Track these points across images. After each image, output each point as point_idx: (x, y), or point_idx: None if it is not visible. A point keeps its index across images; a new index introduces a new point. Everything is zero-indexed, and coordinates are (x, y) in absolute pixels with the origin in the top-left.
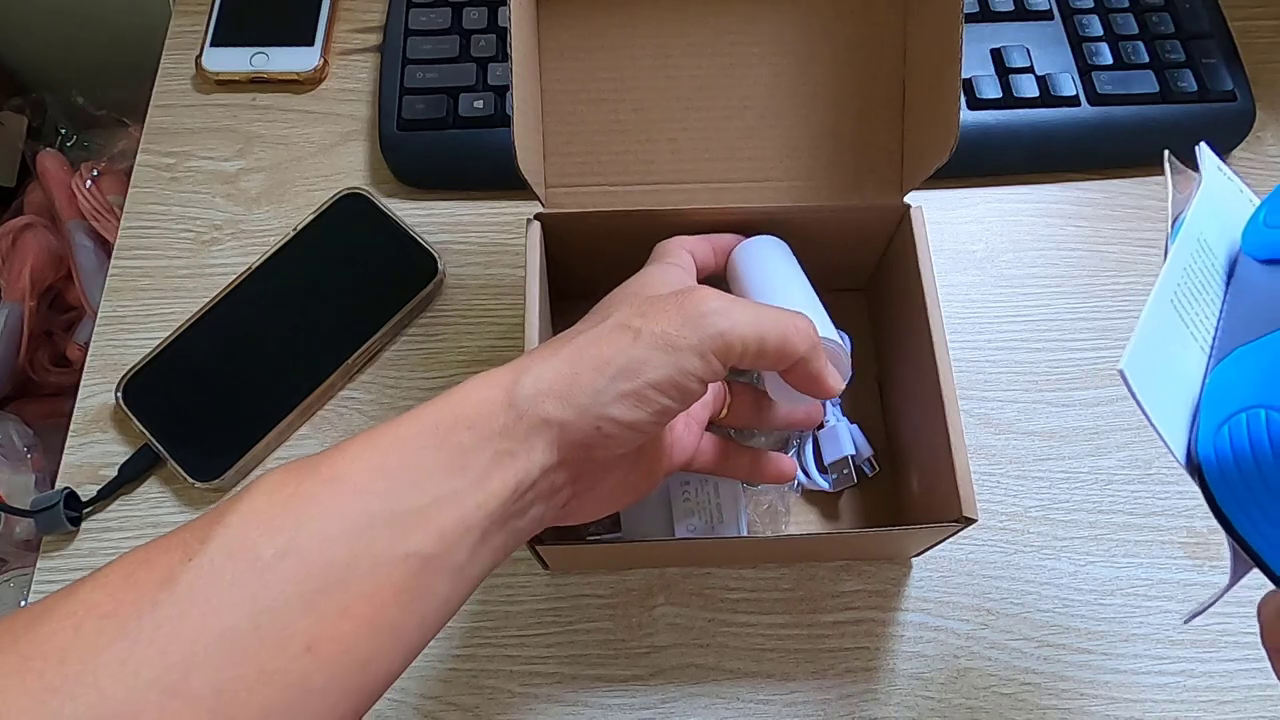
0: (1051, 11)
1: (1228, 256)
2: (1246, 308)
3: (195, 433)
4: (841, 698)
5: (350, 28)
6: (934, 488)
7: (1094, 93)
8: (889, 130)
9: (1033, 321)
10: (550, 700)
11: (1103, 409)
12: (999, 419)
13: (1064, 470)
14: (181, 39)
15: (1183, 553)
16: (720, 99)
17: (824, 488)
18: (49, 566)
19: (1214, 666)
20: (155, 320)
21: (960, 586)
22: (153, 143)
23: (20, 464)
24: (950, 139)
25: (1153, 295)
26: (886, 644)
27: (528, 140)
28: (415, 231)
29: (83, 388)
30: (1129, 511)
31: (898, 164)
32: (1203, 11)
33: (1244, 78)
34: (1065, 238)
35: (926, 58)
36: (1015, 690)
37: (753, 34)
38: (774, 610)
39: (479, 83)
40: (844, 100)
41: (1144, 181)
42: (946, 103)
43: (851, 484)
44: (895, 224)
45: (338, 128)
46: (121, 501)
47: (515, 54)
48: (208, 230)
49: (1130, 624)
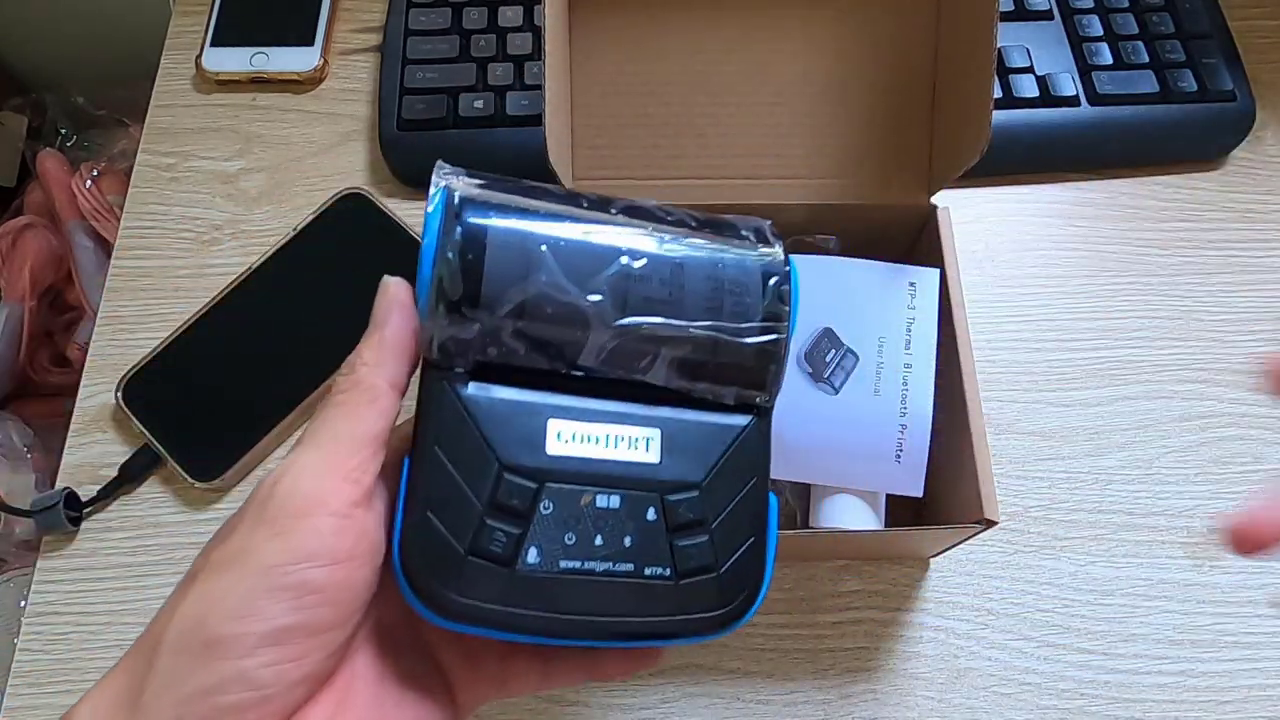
0: (1051, 11)
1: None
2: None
3: (195, 433)
4: (841, 698)
5: (350, 28)
6: (954, 489)
7: (1094, 93)
8: (918, 129)
9: (1033, 321)
10: (550, 700)
11: (1103, 409)
12: (999, 419)
13: (1064, 470)
14: (181, 39)
15: (1183, 553)
16: (750, 95)
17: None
18: (49, 566)
19: (1214, 666)
20: (155, 320)
21: (960, 586)
22: (153, 143)
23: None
24: (982, 139)
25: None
26: (886, 644)
27: (557, 132)
28: (415, 232)
29: (83, 388)
30: (1129, 511)
31: (926, 163)
32: (1203, 11)
33: (1244, 78)
34: (1065, 238)
35: (959, 57)
36: (1015, 690)
37: (784, 31)
38: (774, 610)
39: (479, 83)
40: (874, 99)
41: (1144, 181)
42: (979, 102)
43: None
44: (921, 224)
45: (338, 128)
46: (121, 501)
47: (548, 46)
48: (208, 230)
49: (1130, 624)
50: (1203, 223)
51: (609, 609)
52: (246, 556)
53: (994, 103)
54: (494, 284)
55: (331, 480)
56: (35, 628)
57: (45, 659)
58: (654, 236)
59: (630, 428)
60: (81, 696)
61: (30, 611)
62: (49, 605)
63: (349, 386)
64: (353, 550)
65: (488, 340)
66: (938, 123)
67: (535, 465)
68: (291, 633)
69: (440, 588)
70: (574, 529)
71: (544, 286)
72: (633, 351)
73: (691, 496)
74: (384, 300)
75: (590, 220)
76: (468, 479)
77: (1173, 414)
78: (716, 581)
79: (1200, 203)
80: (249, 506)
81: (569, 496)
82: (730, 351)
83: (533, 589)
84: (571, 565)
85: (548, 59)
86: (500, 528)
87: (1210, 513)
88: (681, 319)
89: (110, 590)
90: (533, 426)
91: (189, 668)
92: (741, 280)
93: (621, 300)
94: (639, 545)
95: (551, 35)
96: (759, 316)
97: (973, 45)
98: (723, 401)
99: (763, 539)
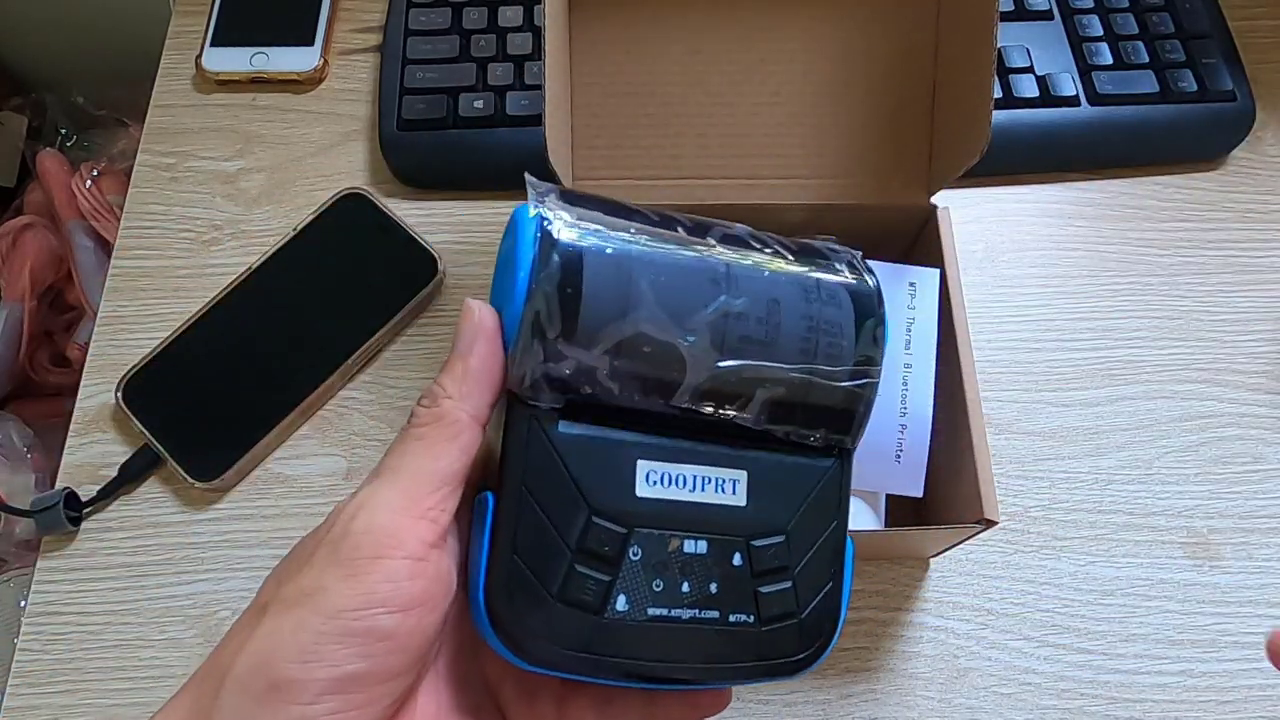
0: (1051, 11)
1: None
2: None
3: (195, 433)
4: (841, 698)
5: (350, 28)
6: (954, 489)
7: (1094, 93)
8: (918, 129)
9: (1033, 321)
10: None
11: (1103, 409)
12: (999, 419)
13: (1064, 470)
14: (181, 39)
15: (1183, 553)
16: (750, 94)
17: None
18: (49, 567)
19: (1214, 666)
20: (155, 320)
21: (960, 586)
22: (153, 143)
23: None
24: (982, 139)
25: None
26: (886, 644)
27: (557, 132)
28: (415, 231)
29: (83, 388)
30: (1129, 511)
31: (926, 163)
32: (1203, 11)
33: (1244, 78)
34: (1065, 238)
35: (959, 56)
36: (1015, 690)
37: (785, 30)
38: None
39: (479, 83)
40: (874, 98)
41: (1144, 181)
42: (979, 102)
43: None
44: (921, 224)
45: (338, 128)
46: (121, 501)
47: (548, 45)
48: (208, 230)
49: (1130, 624)
50: (1203, 223)
51: (692, 656)
52: (318, 597)
53: (994, 103)
54: (591, 320)
55: (408, 519)
56: (35, 628)
57: (45, 659)
58: (752, 271)
59: (718, 469)
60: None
61: (30, 611)
62: (49, 605)
63: (431, 420)
64: (425, 596)
65: (582, 378)
66: (938, 123)
67: (624, 509)
68: (358, 681)
69: (528, 633)
70: (661, 575)
71: (643, 325)
72: (728, 393)
73: (778, 542)
74: (468, 326)
75: (689, 252)
76: (557, 522)
77: (1173, 414)
78: (798, 628)
79: (1200, 203)
80: (323, 539)
81: (657, 542)
82: (823, 394)
83: (619, 636)
84: (658, 613)
85: (547, 58)
86: (590, 574)
87: (1210, 513)
88: (777, 360)
89: (110, 590)
90: (622, 468)
91: (253, 709)
92: (836, 320)
93: (720, 340)
94: (724, 592)
95: (551, 35)
96: (852, 360)
97: (973, 45)
98: (807, 443)
99: (839, 583)
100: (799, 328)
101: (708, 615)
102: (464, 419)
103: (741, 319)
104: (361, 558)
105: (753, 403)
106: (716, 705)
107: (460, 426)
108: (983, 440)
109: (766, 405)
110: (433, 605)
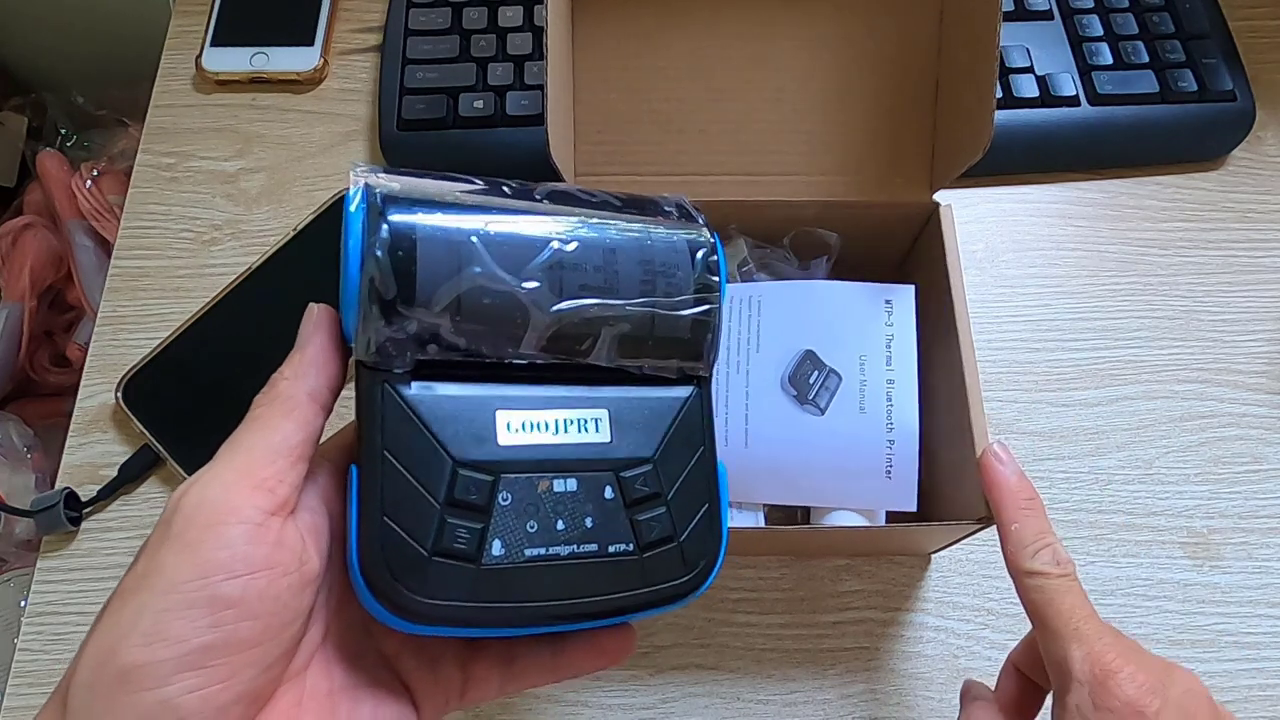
0: (1051, 11)
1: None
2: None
3: (195, 433)
4: (841, 698)
5: (350, 28)
6: (954, 488)
7: (1094, 93)
8: (920, 127)
9: (1033, 321)
10: (550, 700)
11: (1103, 409)
12: (999, 419)
13: (1064, 470)
14: (181, 39)
15: (1183, 553)
16: (753, 91)
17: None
18: (49, 566)
19: (1214, 666)
20: (155, 320)
21: (960, 586)
22: (153, 143)
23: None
24: (984, 137)
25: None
26: (886, 644)
27: (559, 128)
28: None
29: (83, 388)
30: (1129, 511)
31: (928, 161)
32: (1203, 11)
33: (1244, 78)
34: (1065, 238)
35: (962, 55)
36: None
37: (788, 27)
38: (774, 610)
39: (479, 83)
40: (877, 96)
41: (1144, 181)
42: (981, 101)
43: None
44: (923, 221)
45: (338, 128)
46: (121, 501)
47: (550, 41)
48: (208, 230)
49: (1130, 624)
50: (1202, 223)
51: (577, 591)
52: (153, 577)
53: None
54: (428, 280)
55: (241, 490)
56: (35, 628)
57: (45, 659)
58: (582, 220)
59: (578, 410)
60: None
61: (30, 611)
62: (49, 605)
63: (266, 401)
64: (270, 559)
65: (426, 337)
66: (940, 120)
67: (488, 458)
68: (212, 652)
69: (407, 592)
70: (535, 517)
71: (479, 278)
72: (573, 335)
73: (645, 470)
74: (307, 324)
75: (517, 209)
76: (422, 479)
77: (1172, 414)
78: (678, 550)
79: (1200, 203)
80: (156, 526)
81: (526, 485)
82: (668, 325)
83: (501, 581)
84: (537, 553)
85: (550, 54)
86: (462, 524)
87: (1210, 513)
88: (618, 299)
89: (110, 590)
90: (481, 420)
91: (105, 705)
92: (671, 257)
93: (557, 285)
94: (600, 524)
95: (554, 30)
96: (691, 290)
97: (975, 44)
98: (664, 375)
99: (716, 504)
100: (635, 268)
101: (586, 549)
102: (299, 395)
103: (577, 264)
104: (194, 529)
105: (600, 342)
106: (622, 648)
107: (295, 402)
108: (983, 440)
109: (614, 342)
110: (282, 570)
